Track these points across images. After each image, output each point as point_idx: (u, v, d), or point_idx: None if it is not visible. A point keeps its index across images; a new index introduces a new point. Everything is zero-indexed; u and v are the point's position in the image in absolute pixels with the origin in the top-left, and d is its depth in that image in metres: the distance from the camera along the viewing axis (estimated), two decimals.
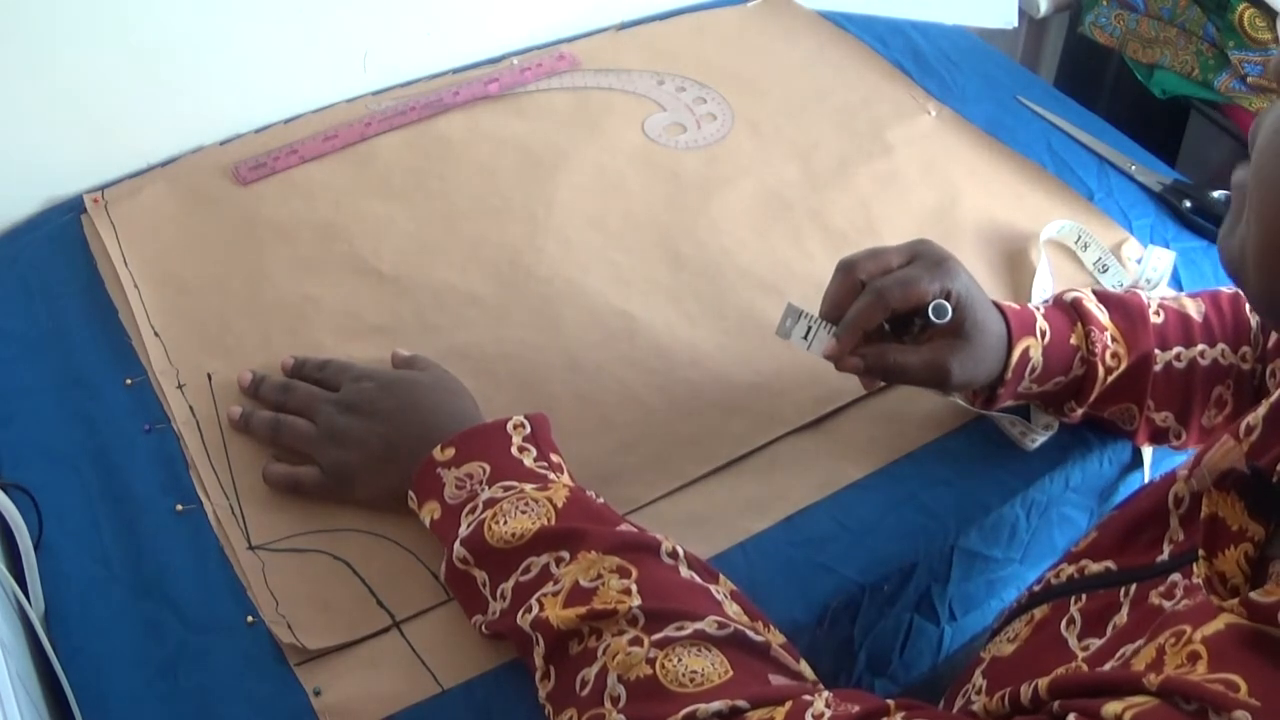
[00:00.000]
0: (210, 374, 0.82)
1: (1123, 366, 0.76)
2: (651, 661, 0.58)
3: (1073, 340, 0.76)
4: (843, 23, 1.21)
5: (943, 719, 0.50)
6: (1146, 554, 0.56)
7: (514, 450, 0.71)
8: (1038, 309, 0.76)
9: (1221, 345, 0.76)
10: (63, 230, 0.95)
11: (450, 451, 0.71)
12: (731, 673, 0.58)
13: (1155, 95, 1.42)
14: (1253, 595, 0.42)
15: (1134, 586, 0.54)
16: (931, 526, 0.77)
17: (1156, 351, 0.76)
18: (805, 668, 0.62)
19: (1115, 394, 0.77)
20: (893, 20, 1.22)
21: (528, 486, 0.68)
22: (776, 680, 0.59)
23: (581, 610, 0.61)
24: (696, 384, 0.83)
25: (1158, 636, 0.47)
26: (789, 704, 0.54)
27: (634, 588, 0.62)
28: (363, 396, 0.76)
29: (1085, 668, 0.51)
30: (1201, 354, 0.76)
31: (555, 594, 0.63)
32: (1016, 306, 0.76)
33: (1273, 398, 0.54)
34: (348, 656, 0.68)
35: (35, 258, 0.93)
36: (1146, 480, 0.83)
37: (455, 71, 1.12)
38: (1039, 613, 0.57)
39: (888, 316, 0.72)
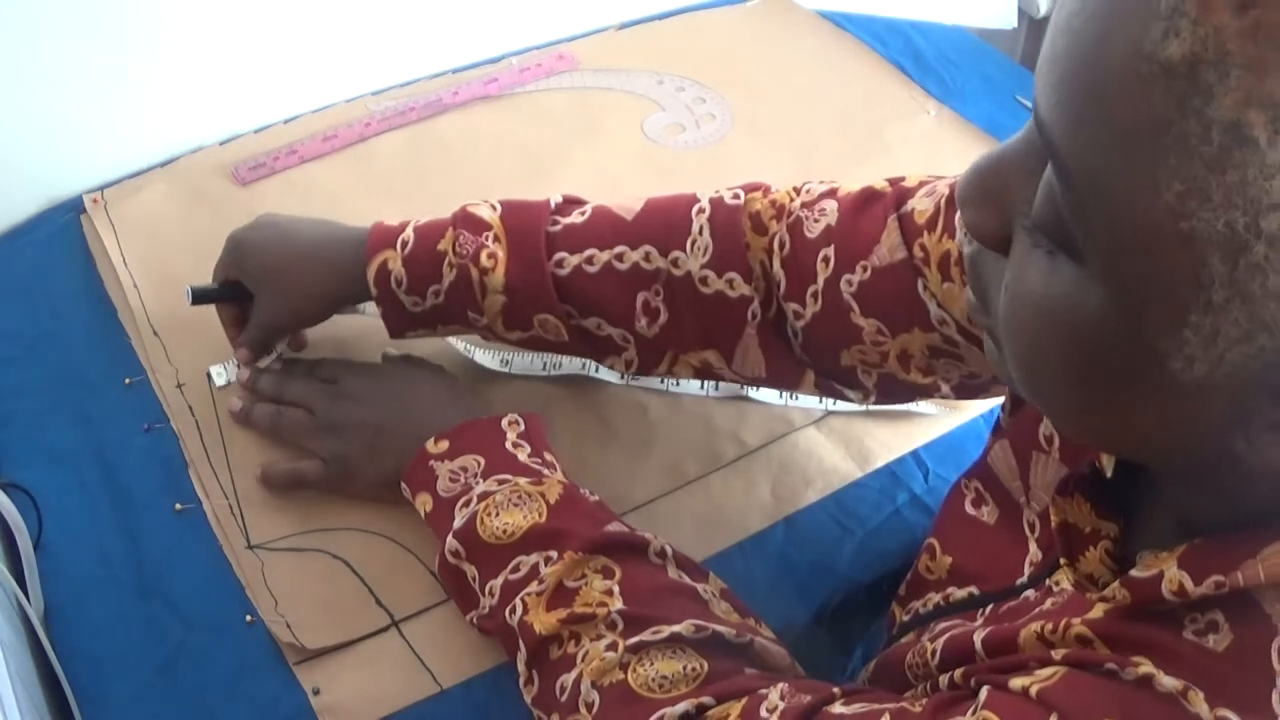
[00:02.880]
0: (209, 374, 0.82)
1: (500, 268, 0.70)
2: (625, 666, 0.59)
3: (440, 246, 0.72)
4: (842, 23, 1.21)
5: (880, 698, 0.51)
6: (1009, 578, 0.56)
7: (508, 445, 0.71)
8: (420, 220, 0.74)
9: (646, 248, 0.69)
10: (62, 230, 0.95)
11: (444, 445, 0.71)
12: (705, 671, 0.58)
13: None
14: (1132, 573, 0.42)
15: (990, 606, 0.55)
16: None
17: (565, 255, 0.70)
18: (793, 666, 0.62)
19: (522, 303, 0.71)
20: (892, 20, 1.22)
21: (522, 480, 0.68)
22: (752, 673, 0.59)
23: (562, 614, 0.61)
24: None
25: (1029, 623, 0.47)
26: (745, 699, 0.54)
27: (616, 589, 0.62)
28: (358, 386, 0.77)
29: (929, 645, 0.52)
30: (619, 256, 0.70)
31: (539, 594, 0.63)
32: (394, 224, 0.75)
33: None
34: (346, 656, 0.68)
35: (35, 258, 0.93)
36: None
37: (455, 71, 1.12)
38: (908, 640, 0.58)
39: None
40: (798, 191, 0.69)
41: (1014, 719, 0.42)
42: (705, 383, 0.83)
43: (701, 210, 0.70)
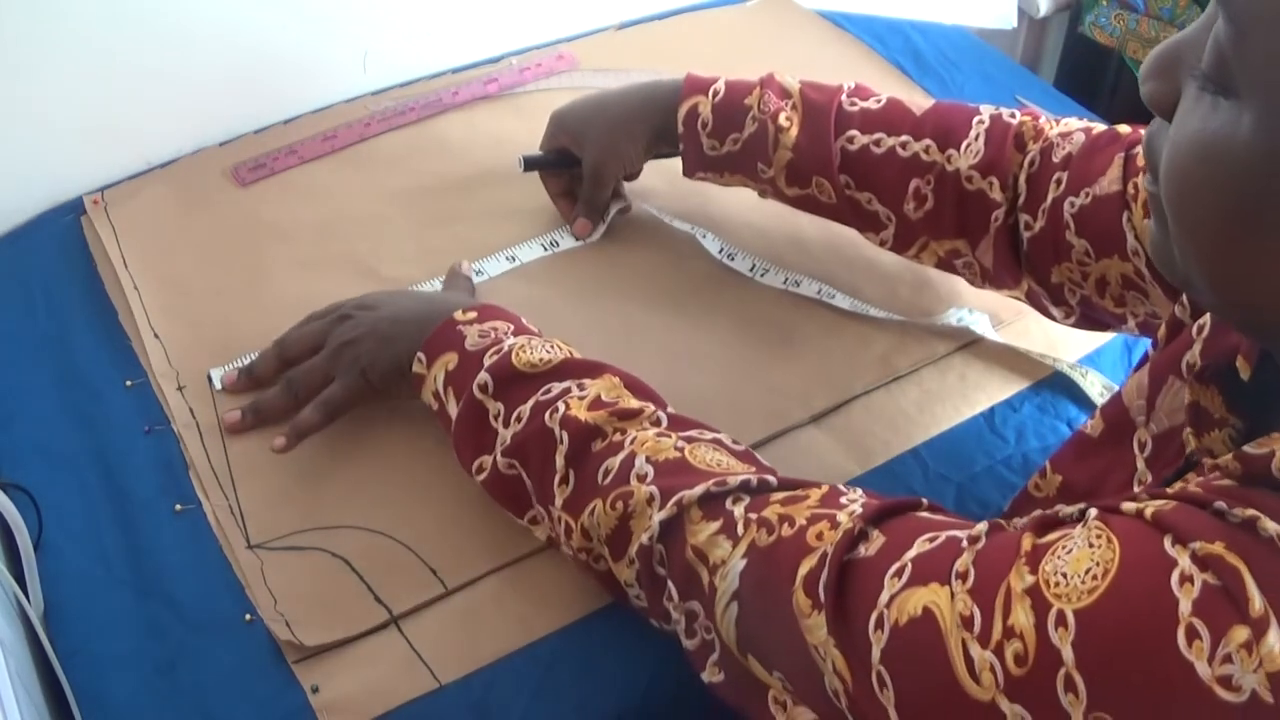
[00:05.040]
0: (210, 376, 0.82)
1: (795, 129, 0.82)
2: (680, 449, 0.63)
3: (747, 100, 0.83)
4: (842, 22, 1.21)
5: (962, 525, 0.51)
6: (1119, 495, 0.57)
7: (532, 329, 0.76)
8: (729, 77, 0.85)
9: (928, 140, 0.79)
10: (63, 232, 0.95)
11: (472, 314, 0.74)
12: (754, 468, 0.62)
13: None
14: (1246, 448, 0.43)
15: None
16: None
17: (855, 132, 0.81)
18: None
19: (804, 165, 0.82)
20: (892, 20, 1.23)
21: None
22: None
23: (610, 409, 0.66)
24: (696, 382, 0.83)
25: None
26: (824, 487, 0.58)
27: (651, 405, 0.68)
28: (364, 300, 0.80)
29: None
30: (903, 144, 0.80)
31: (581, 398, 0.67)
32: (707, 76, 0.85)
33: (1206, 330, 0.55)
34: (345, 653, 0.68)
35: (36, 259, 0.93)
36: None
37: (454, 71, 1.12)
38: None
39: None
40: (1058, 122, 0.79)
41: (1127, 534, 0.43)
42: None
43: (981, 121, 0.79)
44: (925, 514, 0.54)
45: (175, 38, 0.98)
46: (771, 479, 0.60)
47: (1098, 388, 0.84)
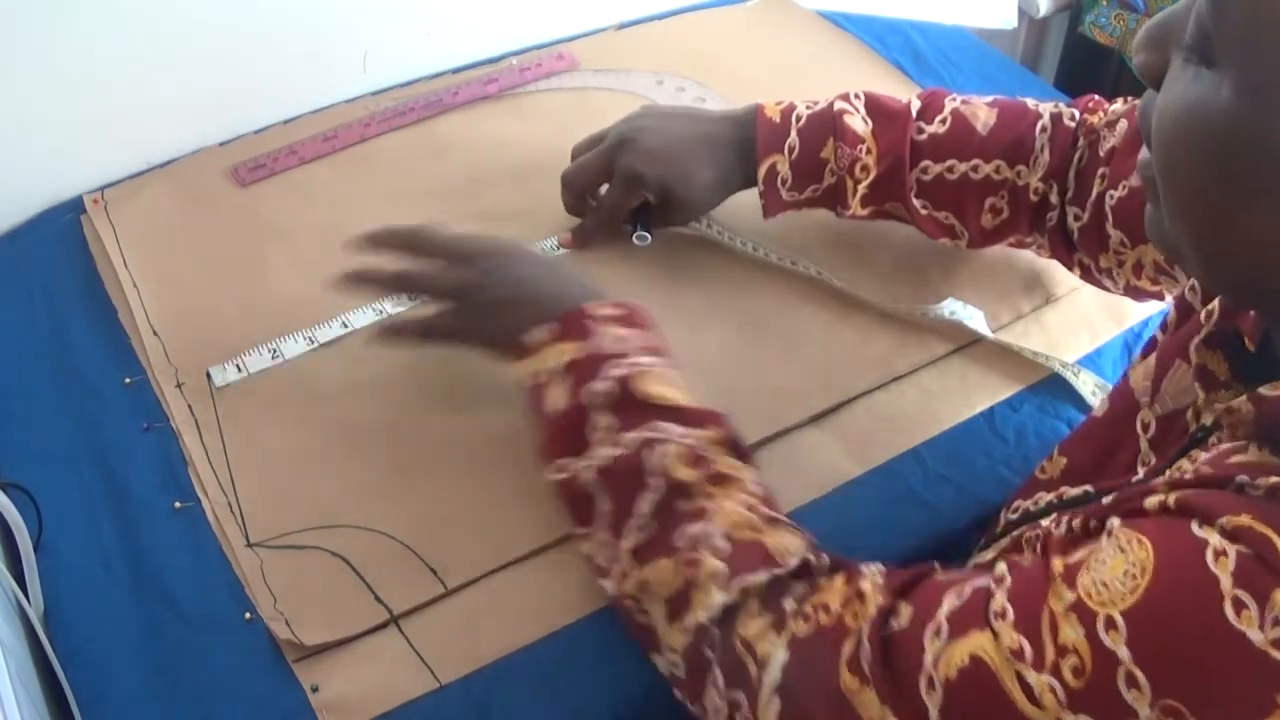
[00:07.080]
0: (209, 373, 0.82)
1: (872, 176, 0.85)
2: (758, 529, 0.62)
3: (823, 154, 0.86)
4: (842, 22, 1.21)
5: (979, 574, 0.52)
6: (1123, 476, 0.59)
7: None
8: (800, 118, 0.87)
9: (997, 161, 0.83)
10: (63, 231, 0.95)
11: (608, 310, 0.72)
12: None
13: None
14: (1261, 389, 0.45)
15: (1113, 495, 0.57)
16: (933, 522, 0.77)
17: (928, 163, 0.84)
18: None
19: (879, 195, 0.87)
20: (892, 20, 1.23)
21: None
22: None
23: (706, 470, 0.65)
24: (696, 383, 0.83)
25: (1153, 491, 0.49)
26: (845, 571, 0.59)
27: (744, 466, 0.67)
28: (495, 248, 0.80)
29: (1046, 524, 0.55)
30: (974, 168, 0.83)
31: (682, 451, 0.65)
32: (777, 120, 0.87)
33: (1216, 315, 0.56)
34: (345, 653, 0.68)
35: (35, 258, 0.93)
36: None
37: (454, 71, 1.12)
38: (1018, 533, 0.60)
39: (578, 200, 0.92)
40: (1106, 111, 0.83)
41: (1156, 530, 0.44)
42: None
43: (1044, 129, 0.83)
44: (941, 576, 0.55)
45: (175, 37, 0.97)
46: (812, 560, 0.61)
47: (1090, 386, 0.84)
